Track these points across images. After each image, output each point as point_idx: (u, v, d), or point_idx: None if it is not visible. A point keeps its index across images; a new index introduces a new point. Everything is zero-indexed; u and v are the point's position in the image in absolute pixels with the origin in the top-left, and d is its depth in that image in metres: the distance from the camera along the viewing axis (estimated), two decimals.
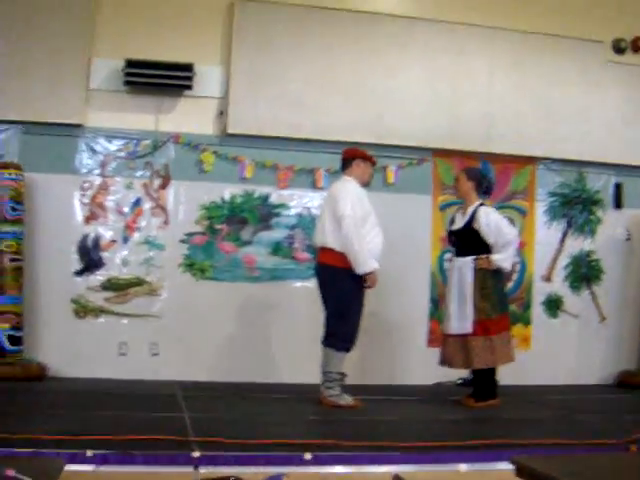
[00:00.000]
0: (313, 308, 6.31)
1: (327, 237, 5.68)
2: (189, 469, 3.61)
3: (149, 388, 6.33)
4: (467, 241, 5.98)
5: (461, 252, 6.04)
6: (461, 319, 5.88)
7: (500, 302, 5.97)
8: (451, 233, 6.20)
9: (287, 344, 7.10)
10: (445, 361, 6.08)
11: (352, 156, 5.93)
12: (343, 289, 5.64)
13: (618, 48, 8.12)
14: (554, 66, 7.87)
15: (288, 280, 7.27)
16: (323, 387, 5.65)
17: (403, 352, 7.37)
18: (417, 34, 7.57)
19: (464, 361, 5.91)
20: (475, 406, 5.86)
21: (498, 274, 5.99)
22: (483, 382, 5.98)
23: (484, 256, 5.88)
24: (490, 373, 5.98)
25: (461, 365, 5.99)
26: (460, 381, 6.74)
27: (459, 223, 6.09)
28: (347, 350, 5.66)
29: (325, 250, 5.72)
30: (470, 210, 6.00)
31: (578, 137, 7.85)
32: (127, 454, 3.69)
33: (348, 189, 5.72)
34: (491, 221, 5.91)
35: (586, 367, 7.87)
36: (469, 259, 5.93)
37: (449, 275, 6.26)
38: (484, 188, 6.12)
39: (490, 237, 5.89)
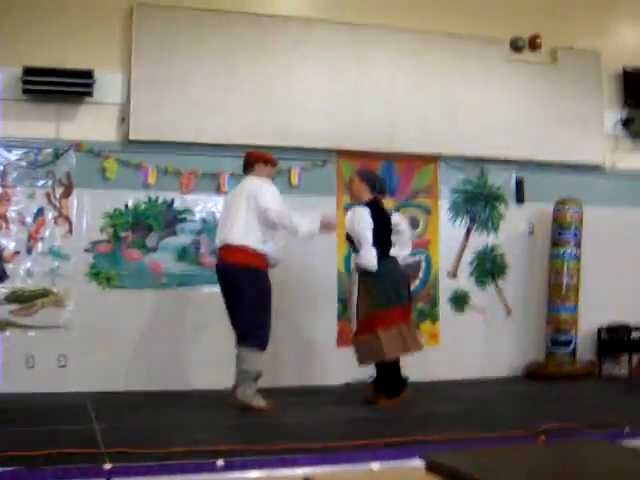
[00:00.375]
0: (222, 313, 7.05)
1: (237, 235, 6.19)
2: None
3: (58, 401, 6.67)
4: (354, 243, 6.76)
5: (354, 250, 6.83)
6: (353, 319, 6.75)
7: (380, 298, 6.52)
8: (347, 235, 6.89)
9: (196, 350, 7.74)
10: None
11: (254, 159, 6.60)
12: (257, 288, 6.17)
13: (516, 46, 9.21)
14: (455, 65, 8.85)
15: (195, 285, 7.92)
16: (238, 387, 6.12)
17: (313, 353, 8.08)
18: (317, 35, 8.42)
19: (358, 358, 6.68)
20: (381, 404, 6.50)
21: (381, 279, 6.59)
22: (386, 379, 6.68)
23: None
24: (390, 369, 6.67)
25: (358, 360, 6.72)
26: (371, 379, 7.18)
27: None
28: (263, 348, 6.18)
29: (234, 249, 6.21)
30: None
31: (480, 134, 8.84)
32: (37, 470, 3.88)
33: (267, 184, 6.41)
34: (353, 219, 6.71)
35: (495, 360, 8.82)
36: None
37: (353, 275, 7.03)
38: (377, 189, 6.85)
39: (354, 236, 6.68)
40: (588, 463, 3.03)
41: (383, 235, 6.74)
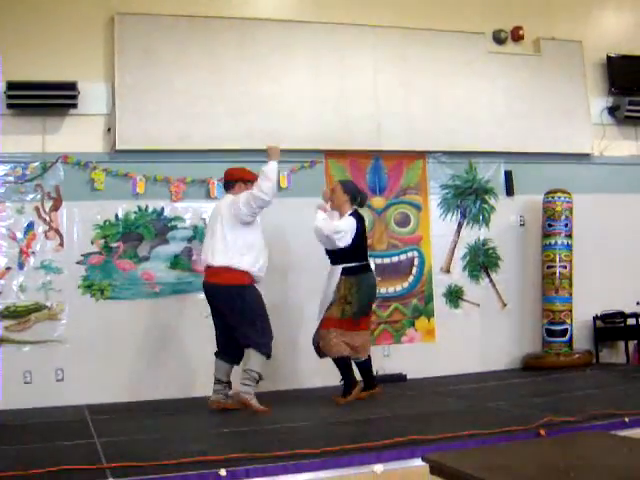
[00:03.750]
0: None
1: (221, 256, 6.41)
2: None
3: (57, 415, 6.68)
4: (337, 250, 6.86)
5: (332, 260, 6.97)
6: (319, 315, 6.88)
7: (354, 309, 6.77)
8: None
9: (193, 358, 7.77)
10: None
11: (234, 179, 6.73)
12: (248, 304, 6.38)
13: (498, 39, 9.28)
14: (439, 60, 8.94)
15: (189, 293, 7.95)
16: (240, 385, 6.31)
17: (308, 355, 7.78)
18: (300, 37, 8.48)
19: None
20: (340, 402, 6.66)
21: (362, 286, 6.83)
22: (344, 378, 6.86)
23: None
24: (343, 365, 6.84)
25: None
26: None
27: None
28: (268, 355, 6.41)
29: (220, 269, 6.41)
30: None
31: (466, 128, 8.91)
32: None
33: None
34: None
35: (491, 354, 8.89)
36: (339, 267, 6.84)
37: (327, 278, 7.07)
38: (358, 202, 7.06)
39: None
40: (590, 458, 3.05)
41: (363, 246, 6.99)
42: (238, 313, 6.37)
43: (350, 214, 6.92)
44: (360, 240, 6.90)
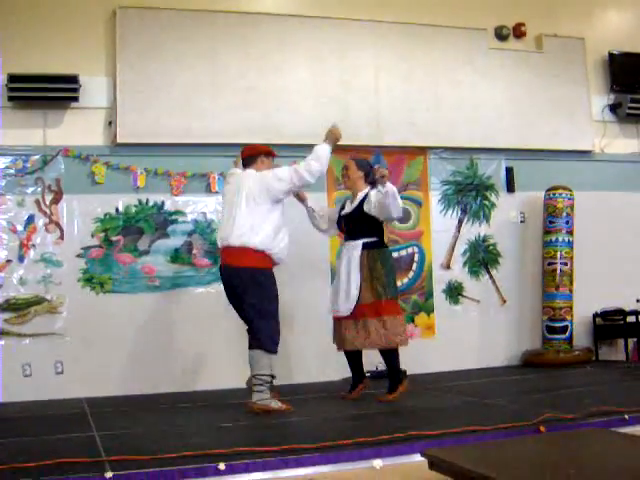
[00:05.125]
0: (216, 313, 7.10)
1: (244, 236, 5.95)
2: None
3: (57, 408, 6.65)
4: (358, 224, 6.59)
5: (351, 236, 6.65)
6: (347, 301, 6.46)
7: (389, 286, 6.49)
8: (341, 218, 6.79)
9: (193, 351, 7.79)
10: (337, 343, 6.71)
11: (256, 153, 6.36)
12: (267, 289, 6.02)
13: (500, 35, 9.26)
14: (440, 56, 8.94)
15: (189, 287, 7.96)
16: (252, 393, 5.92)
17: (309, 350, 8.08)
18: (302, 32, 8.47)
19: (361, 342, 6.48)
20: (392, 399, 6.41)
21: (387, 259, 6.62)
22: (392, 371, 6.62)
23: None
24: (397, 359, 6.60)
25: (360, 345, 6.53)
26: (368, 374, 7.20)
27: (348, 208, 6.75)
28: (275, 351, 6.00)
29: (240, 250, 5.97)
30: (361, 195, 6.70)
31: (467, 124, 8.92)
32: None
33: (265, 172, 6.20)
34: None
35: (491, 350, 8.91)
36: (359, 242, 6.54)
37: (338, 258, 6.89)
38: (371, 179, 6.72)
39: (372, 203, 6.52)
40: (590, 454, 3.05)
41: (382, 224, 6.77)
42: (260, 297, 6.00)
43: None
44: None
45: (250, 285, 5.99)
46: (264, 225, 6.05)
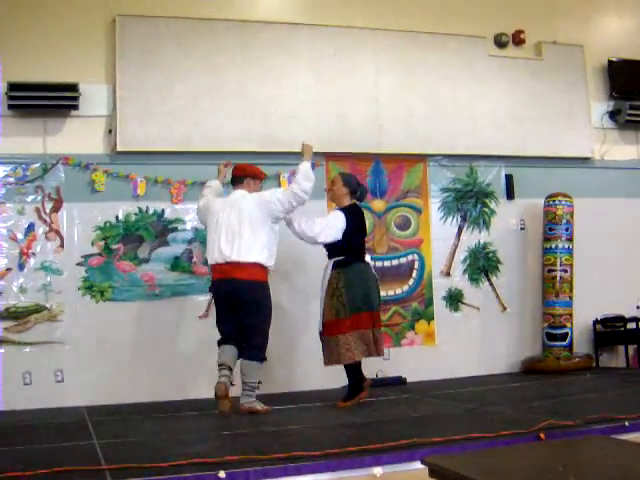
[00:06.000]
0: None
1: (248, 252, 6.40)
2: None
3: (57, 416, 6.64)
4: (331, 243, 6.83)
5: (329, 254, 6.91)
6: (321, 317, 6.78)
7: (347, 305, 6.64)
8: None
9: (193, 359, 7.75)
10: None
11: (245, 174, 6.80)
12: (267, 304, 6.53)
13: (500, 42, 9.29)
14: (440, 63, 8.95)
15: (189, 295, 7.96)
16: (243, 396, 6.38)
17: (307, 358, 7.96)
18: (301, 39, 8.49)
19: (327, 358, 6.76)
20: (344, 406, 6.62)
21: (355, 275, 6.74)
22: (351, 380, 6.78)
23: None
24: (353, 369, 6.74)
25: (326, 362, 6.80)
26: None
27: None
28: (266, 359, 6.53)
29: (244, 266, 6.39)
30: None
31: (466, 131, 8.94)
32: None
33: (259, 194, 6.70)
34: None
35: (491, 357, 8.90)
36: (331, 261, 6.81)
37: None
38: (357, 197, 7.03)
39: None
40: (590, 461, 3.05)
41: (357, 240, 6.93)
42: (257, 310, 6.46)
43: (343, 208, 6.90)
44: (354, 234, 6.84)
45: (256, 298, 6.45)
46: (270, 245, 6.54)
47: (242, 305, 6.43)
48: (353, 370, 6.74)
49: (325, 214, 7.87)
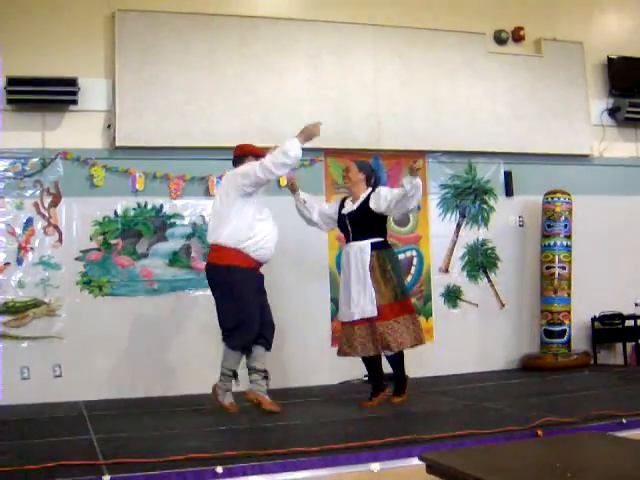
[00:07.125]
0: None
1: (216, 234, 6.06)
2: None
3: (54, 411, 6.65)
4: (364, 223, 6.41)
5: (357, 236, 6.43)
6: (364, 303, 6.24)
7: (400, 286, 6.39)
8: (341, 217, 6.59)
9: (191, 355, 7.75)
10: (349, 350, 6.43)
11: (244, 153, 6.34)
12: (233, 289, 5.99)
13: (499, 39, 9.29)
14: (439, 59, 8.95)
15: (188, 290, 7.97)
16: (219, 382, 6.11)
17: (306, 354, 8.10)
18: (301, 36, 8.49)
19: (375, 347, 6.30)
20: (400, 402, 6.42)
21: (396, 259, 6.58)
22: (401, 374, 6.58)
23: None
24: (403, 363, 6.54)
25: (373, 350, 6.34)
26: (366, 377, 7.22)
27: (350, 207, 6.53)
28: (242, 349, 6.06)
29: (215, 248, 6.08)
30: (363, 195, 6.53)
31: (466, 128, 8.92)
32: None
33: None
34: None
35: (490, 354, 8.90)
36: (367, 242, 6.35)
37: (343, 260, 6.58)
38: (372, 183, 6.64)
39: (388, 199, 6.36)
40: (588, 458, 3.06)
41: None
42: (221, 296, 6.11)
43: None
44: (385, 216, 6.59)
45: (224, 281, 6.05)
46: (233, 221, 6.03)
47: (212, 290, 6.23)
48: (403, 360, 6.56)
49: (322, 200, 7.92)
